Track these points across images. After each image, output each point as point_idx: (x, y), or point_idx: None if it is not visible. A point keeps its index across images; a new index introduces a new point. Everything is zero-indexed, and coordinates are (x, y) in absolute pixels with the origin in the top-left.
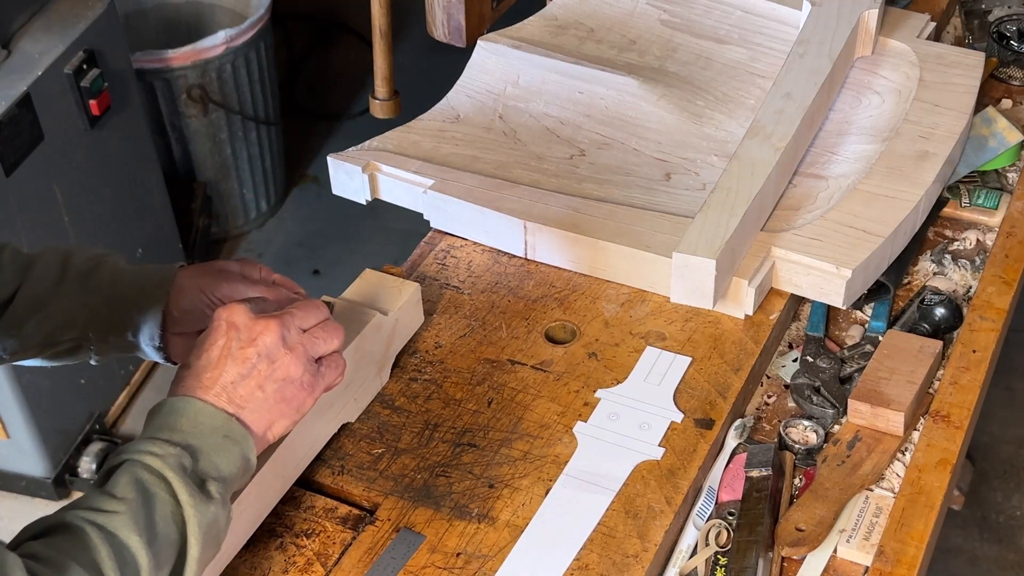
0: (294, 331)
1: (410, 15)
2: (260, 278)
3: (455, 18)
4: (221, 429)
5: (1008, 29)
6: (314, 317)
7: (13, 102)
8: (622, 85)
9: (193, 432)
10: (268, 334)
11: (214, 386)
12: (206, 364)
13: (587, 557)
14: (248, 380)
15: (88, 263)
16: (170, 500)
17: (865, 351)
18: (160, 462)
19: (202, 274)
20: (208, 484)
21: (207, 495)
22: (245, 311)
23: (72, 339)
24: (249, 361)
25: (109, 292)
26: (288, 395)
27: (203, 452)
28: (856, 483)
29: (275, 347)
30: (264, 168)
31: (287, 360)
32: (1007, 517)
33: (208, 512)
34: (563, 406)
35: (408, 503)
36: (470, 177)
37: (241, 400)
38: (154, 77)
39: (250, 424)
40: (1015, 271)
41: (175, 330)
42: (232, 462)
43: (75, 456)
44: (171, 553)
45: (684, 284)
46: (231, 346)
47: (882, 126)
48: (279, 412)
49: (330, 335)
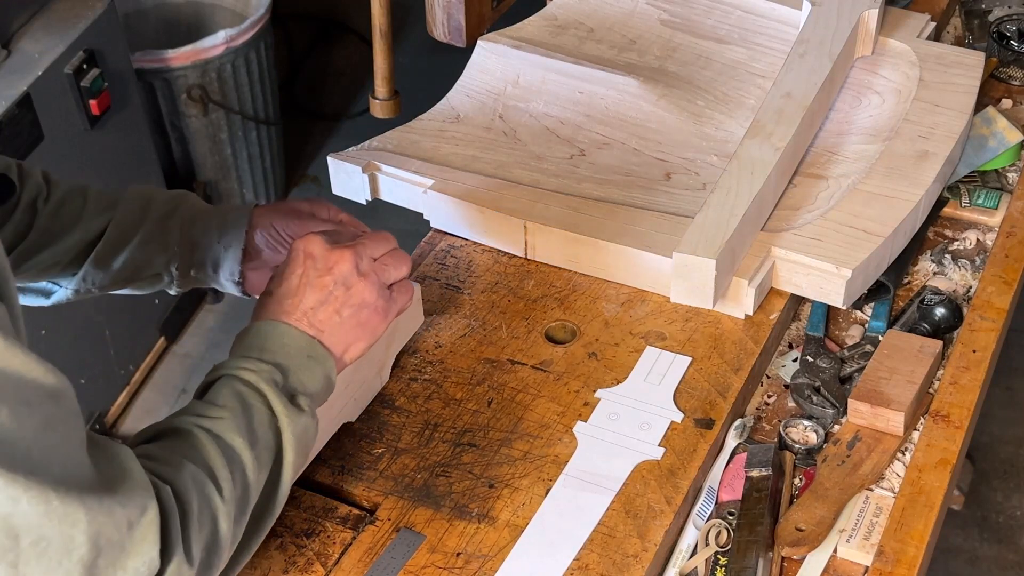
0: (366, 259)
1: (410, 15)
2: (328, 217)
3: (455, 18)
4: (305, 349)
5: (1008, 29)
6: (383, 246)
7: (13, 102)
8: (622, 85)
9: (281, 352)
10: (343, 263)
11: (295, 311)
12: (287, 291)
13: (587, 557)
14: (326, 306)
15: (168, 204)
16: (266, 410)
17: (865, 351)
18: (256, 376)
19: (275, 213)
20: (298, 398)
21: (298, 407)
22: (321, 242)
23: (153, 274)
24: (326, 288)
25: (190, 231)
26: (363, 319)
27: (291, 370)
28: (856, 483)
29: (350, 274)
30: (264, 168)
31: (361, 286)
32: (1007, 517)
33: (300, 422)
34: (563, 406)
35: (408, 503)
36: (470, 177)
37: (320, 324)
38: (154, 77)
39: (330, 346)
40: (1015, 271)
41: (251, 266)
42: (316, 380)
43: None
44: (269, 457)
45: (684, 284)
46: (309, 274)
47: (882, 126)
48: (355, 335)
49: (399, 262)
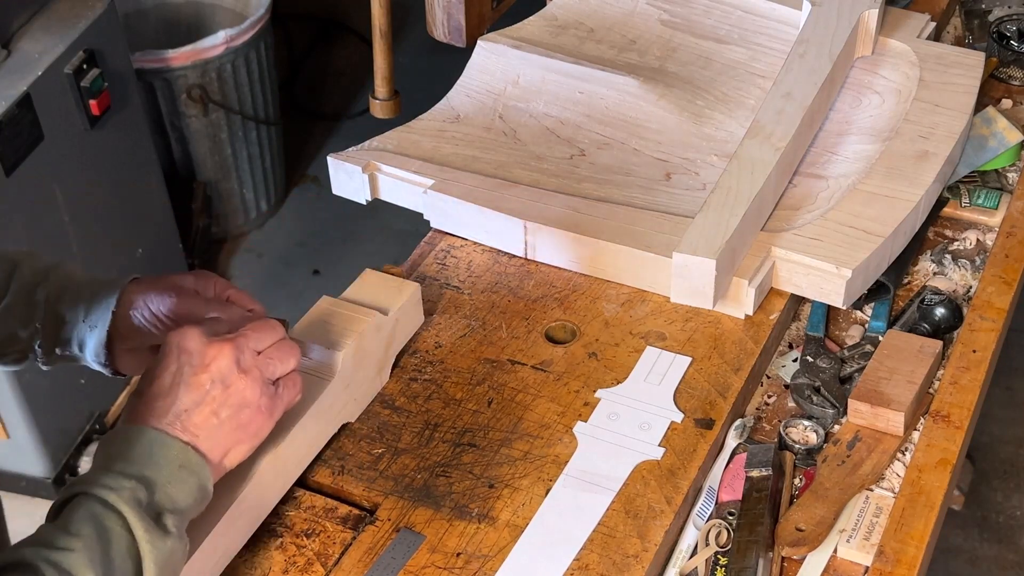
0: (248, 353)
1: (410, 15)
2: (215, 294)
3: (455, 18)
4: (176, 459)
5: (1008, 29)
6: (269, 337)
7: (13, 102)
8: (622, 85)
9: (148, 463)
10: (222, 358)
11: (167, 414)
12: (158, 391)
13: (587, 557)
14: (202, 407)
15: (35, 275)
16: (125, 535)
17: (865, 351)
18: (115, 496)
19: (152, 290)
20: (164, 517)
21: (163, 529)
22: (198, 335)
23: (18, 351)
24: (203, 387)
25: (55, 307)
26: (244, 420)
27: (159, 484)
28: (856, 483)
29: (229, 371)
30: (264, 168)
31: (242, 384)
32: (1007, 517)
33: (165, 547)
34: (563, 406)
35: (408, 503)
36: (470, 177)
37: (195, 428)
38: (154, 77)
39: (206, 452)
40: (1015, 271)
41: (125, 346)
42: (188, 492)
43: (75, 456)
44: None
45: (684, 284)
46: (184, 371)
47: (882, 126)
48: (236, 438)
49: (286, 355)
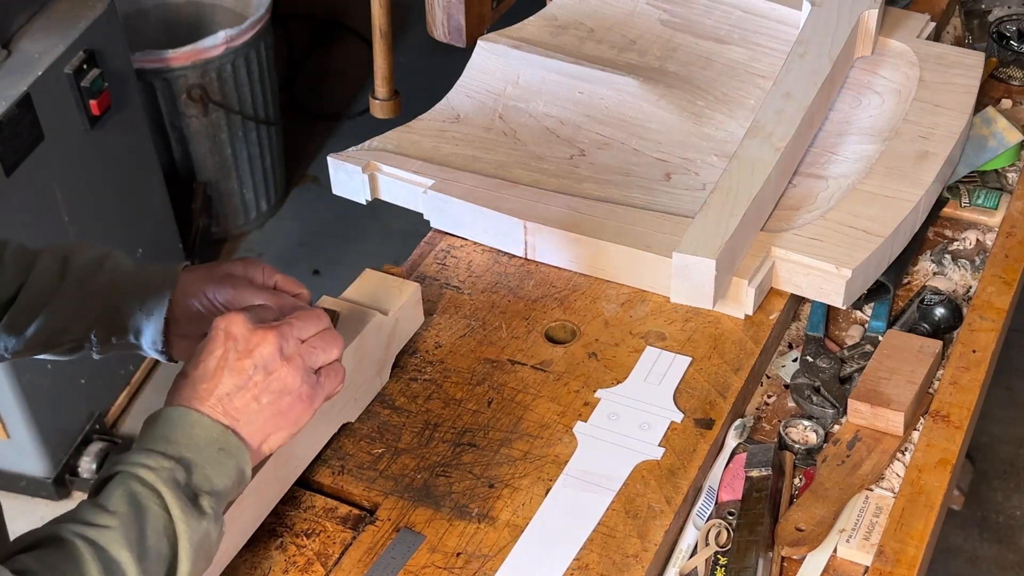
0: (292, 341)
1: (410, 15)
2: (263, 281)
3: (455, 18)
4: (216, 442)
5: (1008, 29)
6: (313, 327)
7: (13, 102)
8: (622, 85)
9: (188, 444)
10: (265, 345)
11: (210, 397)
12: (202, 374)
13: (587, 557)
14: (244, 392)
15: (89, 265)
16: (162, 514)
17: (865, 351)
18: (154, 475)
19: (206, 278)
20: (201, 499)
21: (199, 510)
22: (244, 321)
23: (74, 339)
24: (245, 372)
25: (110, 296)
26: (285, 407)
27: (197, 465)
28: (856, 483)
29: (272, 358)
30: (264, 168)
31: (284, 371)
32: (1007, 517)
33: (200, 528)
34: (563, 406)
35: (408, 503)
36: (470, 177)
37: (236, 412)
38: (154, 77)
39: (246, 436)
40: (1015, 271)
41: (178, 332)
42: (226, 475)
43: (75, 456)
44: (161, 568)
45: (684, 284)
46: (228, 356)
47: (882, 126)
48: (275, 424)
49: (329, 345)
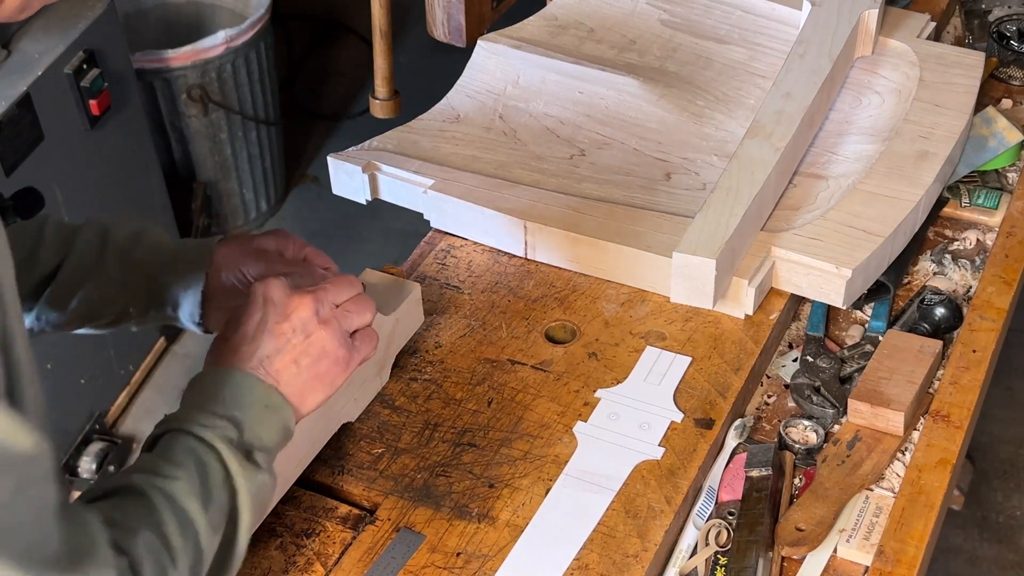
0: (328, 305)
1: (410, 15)
2: (294, 254)
3: (455, 18)
4: (262, 400)
5: (1008, 29)
6: (347, 292)
7: (13, 102)
8: (622, 85)
9: (236, 403)
10: (303, 309)
11: (251, 359)
12: (243, 337)
13: (587, 557)
14: (284, 354)
15: (128, 240)
16: (221, 469)
17: (865, 351)
18: (210, 433)
19: (239, 253)
20: (254, 454)
21: (254, 464)
22: (281, 286)
23: (114, 313)
24: (284, 335)
25: (149, 270)
26: (322, 369)
27: (247, 424)
28: (856, 483)
29: (309, 322)
30: (264, 168)
31: (321, 334)
32: (1007, 517)
33: (256, 480)
34: (563, 406)
35: (408, 503)
36: (470, 177)
37: (277, 373)
38: (154, 77)
39: (287, 396)
40: (1015, 271)
41: (214, 305)
42: (274, 431)
43: (75, 456)
44: (223, 519)
45: (684, 284)
46: (267, 320)
47: (882, 126)
48: (313, 386)
49: (363, 309)
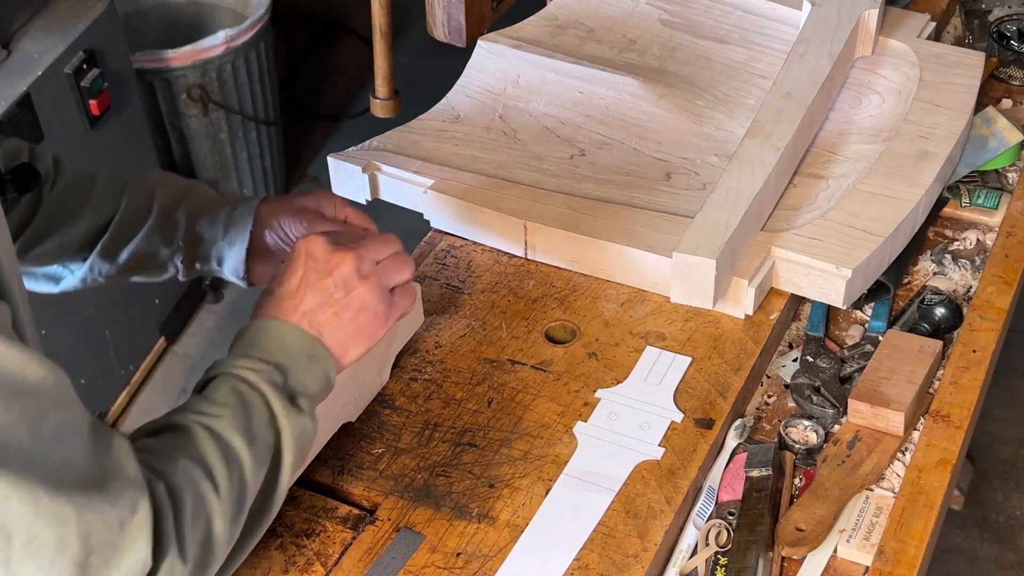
0: (368, 262)
1: (410, 15)
2: (334, 213)
3: (455, 18)
4: (306, 349)
5: (1008, 29)
6: (386, 249)
7: (13, 102)
8: (622, 85)
9: (281, 351)
10: (344, 265)
11: (295, 312)
12: (287, 292)
13: (587, 557)
14: (326, 308)
15: (174, 196)
16: (265, 410)
17: (865, 351)
18: (256, 375)
19: (283, 211)
20: (298, 398)
21: (297, 408)
22: (323, 243)
23: (159, 265)
24: (327, 290)
25: (194, 227)
26: (363, 323)
27: (291, 371)
28: (856, 483)
29: (351, 277)
30: (264, 168)
31: (362, 289)
32: (1007, 517)
33: (299, 423)
34: (563, 406)
35: (408, 503)
36: (470, 177)
37: (320, 326)
38: (154, 77)
39: (329, 348)
40: (1015, 271)
41: (258, 261)
42: (316, 380)
43: None
44: (267, 457)
45: (684, 284)
46: (310, 276)
47: (882, 126)
48: (354, 339)
49: (402, 265)
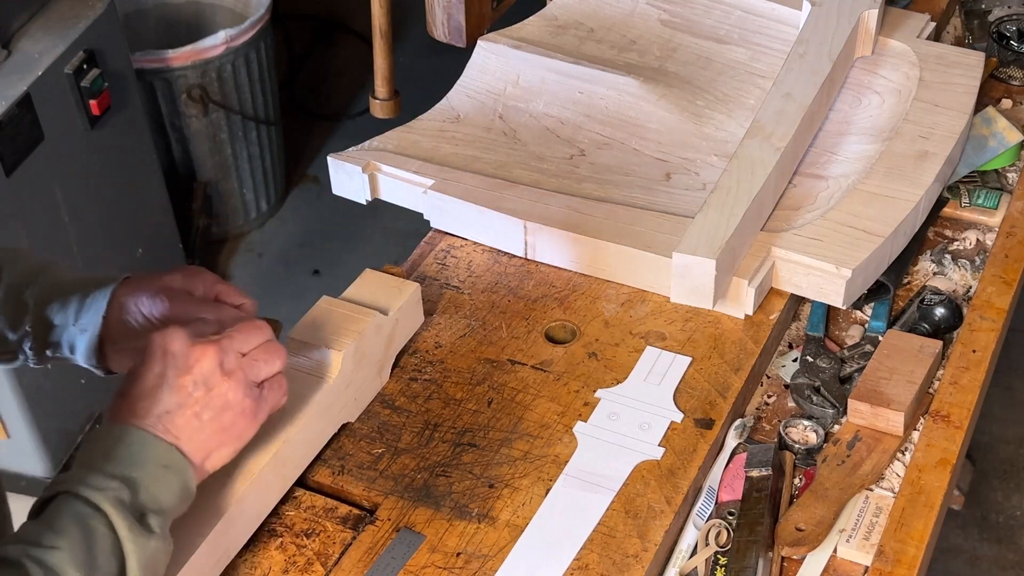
0: (232, 355)
1: (410, 15)
2: (203, 292)
3: (455, 18)
4: (160, 459)
5: (1008, 29)
6: (255, 339)
7: (13, 102)
8: (622, 85)
9: (131, 463)
10: (205, 360)
11: (149, 415)
12: (141, 392)
13: (587, 557)
14: (185, 409)
15: (23, 278)
16: (110, 535)
17: (865, 351)
18: (99, 495)
19: (142, 293)
20: (148, 517)
21: (147, 529)
22: (182, 336)
23: (8, 352)
24: (185, 389)
25: (43, 311)
26: (227, 422)
27: (142, 484)
28: (856, 483)
29: (212, 374)
30: (264, 168)
31: (225, 387)
32: (1007, 517)
33: (148, 547)
34: (563, 406)
35: (408, 503)
36: (470, 177)
37: (177, 430)
38: (154, 77)
39: (188, 453)
40: (1015, 271)
41: (116, 347)
42: (172, 492)
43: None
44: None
45: (684, 284)
46: (167, 374)
47: (882, 126)
48: (219, 440)
49: (271, 356)
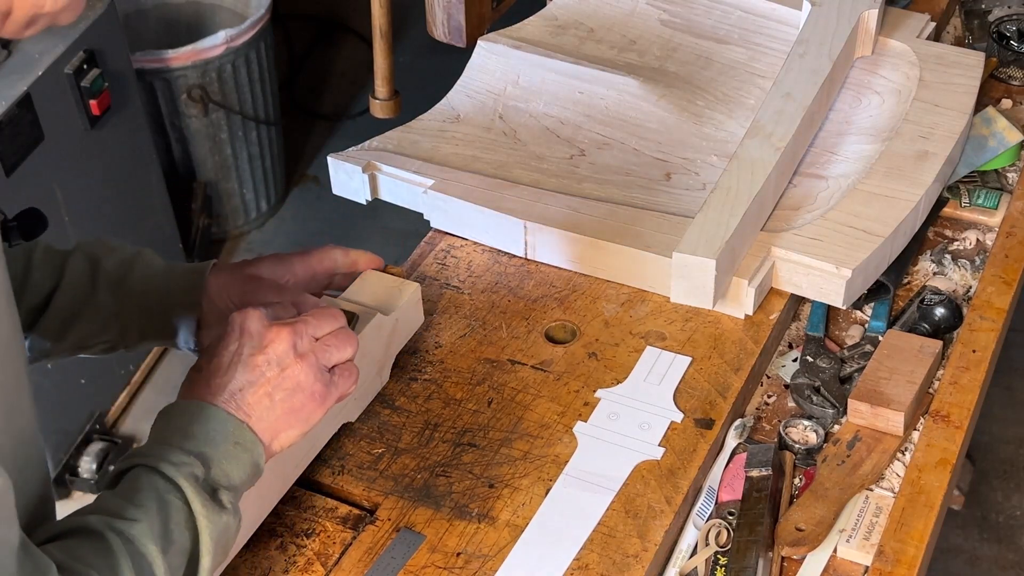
0: (306, 339)
1: (410, 15)
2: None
3: (455, 18)
4: (232, 436)
5: (1008, 29)
6: (328, 325)
7: (13, 102)
8: (622, 85)
9: (204, 439)
10: (279, 342)
11: (223, 392)
12: (216, 369)
13: (587, 557)
14: (256, 388)
15: (119, 268)
16: (184, 509)
17: (865, 351)
18: (175, 470)
19: (232, 280)
20: (220, 493)
21: (219, 504)
22: (259, 317)
23: (106, 342)
24: (259, 368)
25: (142, 300)
26: (297, 404)
27: (215, 460)
28: (856, 483)
29: (285, 355)
30: (264, 168)
31: (297, 368)
32: (1007, 517)
33: (220, 521)
34: (563, 406)
35: (408, 503)
36: (470, 177)
37: (249, 407)
38: (154, 77)
39: (258, 432)
40: (1015, 271)
41: (210, 332)
42: (242, 469)
43: (75, 456)
44: (183, 560)
45: (684, 284)
46: (242, 352)
47: (882, 126)
48: (287, 422)
49: (343, 343)
